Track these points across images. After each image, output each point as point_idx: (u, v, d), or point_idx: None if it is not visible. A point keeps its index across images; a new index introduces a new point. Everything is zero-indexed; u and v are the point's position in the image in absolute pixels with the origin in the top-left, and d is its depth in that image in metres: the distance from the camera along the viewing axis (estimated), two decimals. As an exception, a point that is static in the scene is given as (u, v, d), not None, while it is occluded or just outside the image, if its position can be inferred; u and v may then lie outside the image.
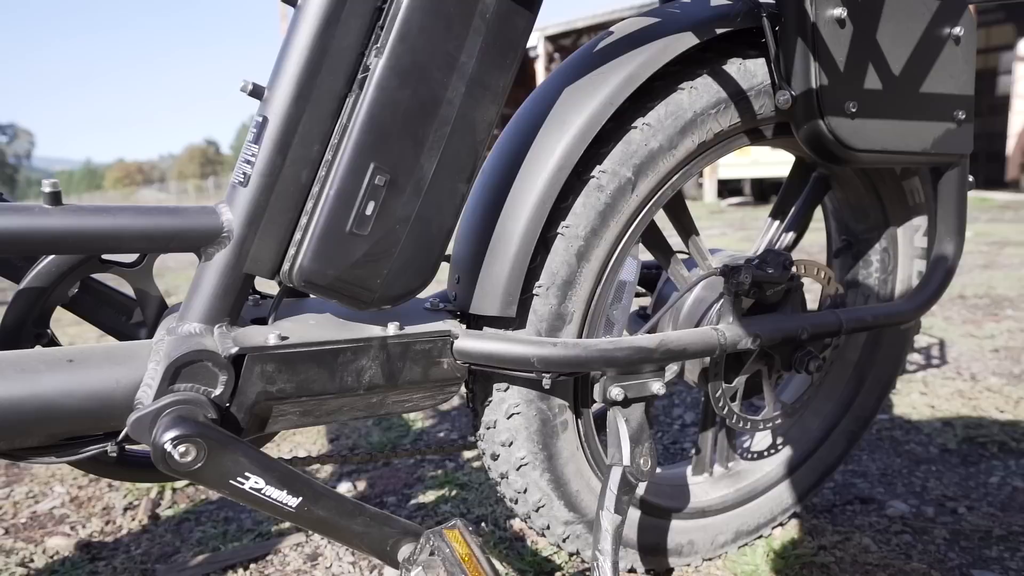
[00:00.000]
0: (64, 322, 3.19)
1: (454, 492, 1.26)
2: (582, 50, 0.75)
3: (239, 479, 0.56)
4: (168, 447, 0.53)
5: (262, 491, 0.57)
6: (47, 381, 0.55)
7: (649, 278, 0.96)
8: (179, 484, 1.38)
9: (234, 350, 0.58)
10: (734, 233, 5.92)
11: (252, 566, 1.06)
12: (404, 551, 0.63)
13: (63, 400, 0.55)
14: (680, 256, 0.88)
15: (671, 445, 1.44)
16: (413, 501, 1.25)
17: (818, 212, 1.02)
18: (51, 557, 1.11)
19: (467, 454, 1.44)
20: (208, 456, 0.55)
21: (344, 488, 1.32)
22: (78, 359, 0.57)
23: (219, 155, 71.70)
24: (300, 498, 0.59)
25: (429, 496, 1.26)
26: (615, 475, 0.73)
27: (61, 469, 1.48)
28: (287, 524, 1.19)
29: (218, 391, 0.58)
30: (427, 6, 0.57)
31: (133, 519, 1.24)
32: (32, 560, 1.10)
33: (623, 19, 0.76)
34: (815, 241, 5.03)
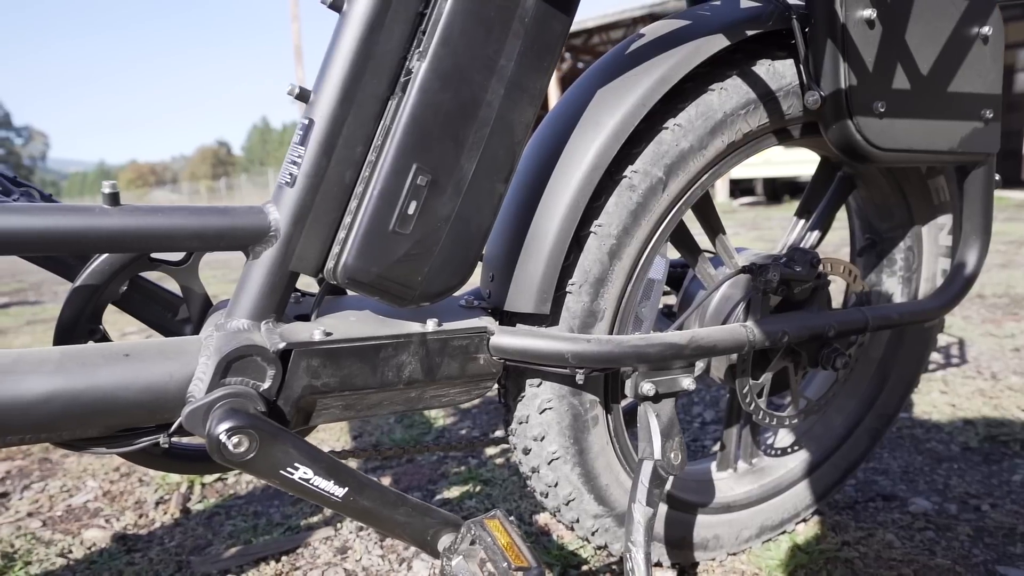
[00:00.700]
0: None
1: (478, 488, 1.28)
2: (614, 52, 0.76)
3: (289, 469, 0.58)
4: (223, 438, 0.55)
5: (310, 481, 0.59)
6: (106, 374, 0.57)
7: (674, 276, 0.98)
8: (208, 479, 1.40)
9: (282, 345, 0.60)
10: (747, 233, 5.90)
11: (284, 558, 1.09)
12: (444, 541, 0.65)
13: (120, 393, 0.58)
14: (706, 255, 0.90)
15: (692, 443, 1.45)
16: (438, 497, 1.27)
17: (836, 211, 1.02)
18: (89, 548, 1.14)
19: (489, 451, 1.46)
20: (260, 447, 0.57)
21: (369, 483, 1.34)
22: (133, 354, 0.59)
23: (230, 156, 72.21)
24: (346, 488, 0.61)
25: (453, 492, 1.28)
26: (646, 469, 0.75)
27: (92, 464, 1.51)
28: (316, 518, 1.22)
29: (266, 385, 0.60)
30: (469, 11, 0.59)
31: (165, 512, 1.27)
32: (71, 551, 1.13)
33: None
34: (829, 240, 5.01)
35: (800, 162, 9.00)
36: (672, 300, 1.00)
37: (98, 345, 0.60)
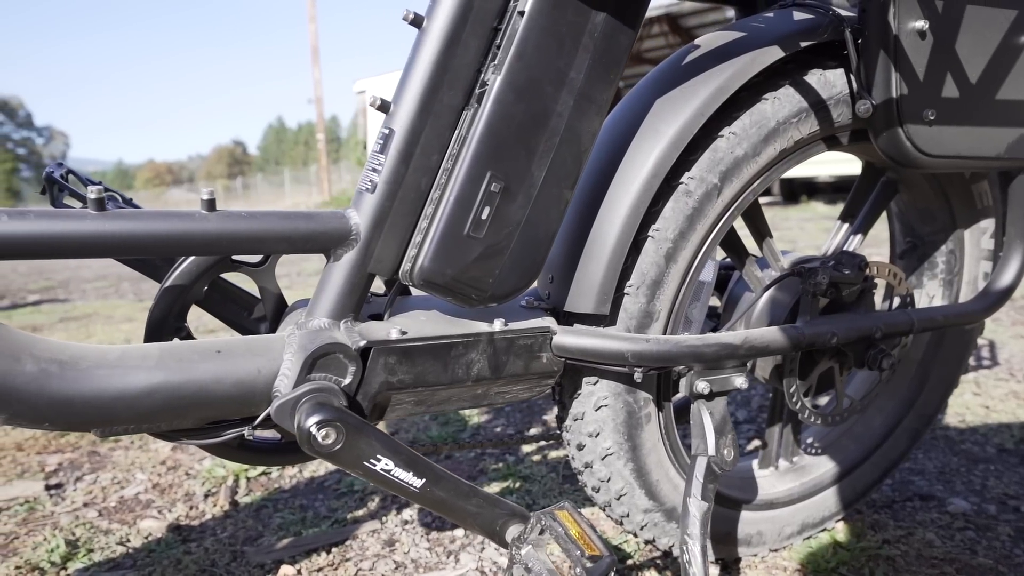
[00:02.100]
0: (116, 318, 3.32)
1: (518, 484, 1.31)
2: (670, 62, 0.79)
3: (372, 461, 0.62)
4: (313, 430, 0.59)
5: (391, 472, 0.63)
6: (201, 370, 0.61)
7: (718, 278, 1.00)
8: (253, 473, 1.45)
9: (362, 343, 0.64)
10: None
11: (334, 550, 1.12)
12: (512, 531, 0.68)
13: (214, 387, 0.61)
14: (753, 258, 0.92)
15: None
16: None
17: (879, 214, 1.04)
18: (146, 538, 1.19)
19: (526, 448, 1.49)
20: (346, 439, 0.60)
21: (410, 479, 1.37)
22: (224, 350, 0.63)
23: (246, 155, 72.88)
24: (423, 479, 0.64)
25: (493, 488, 1.31)
26: (700, 464, 0.77)
27: (139, 458, 1.56)
28: (361, 512, 1.25)
29: (347, 380, 0.64)
30: (543, 27, 0.62)
31: (214, 505, 1.31)
32: (129, 540, 1.18)
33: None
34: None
35: (817, 163, 8.94)
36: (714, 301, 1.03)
37: (192, 342, 0.64)
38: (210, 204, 0.60)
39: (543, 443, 1.51)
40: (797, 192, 10.45)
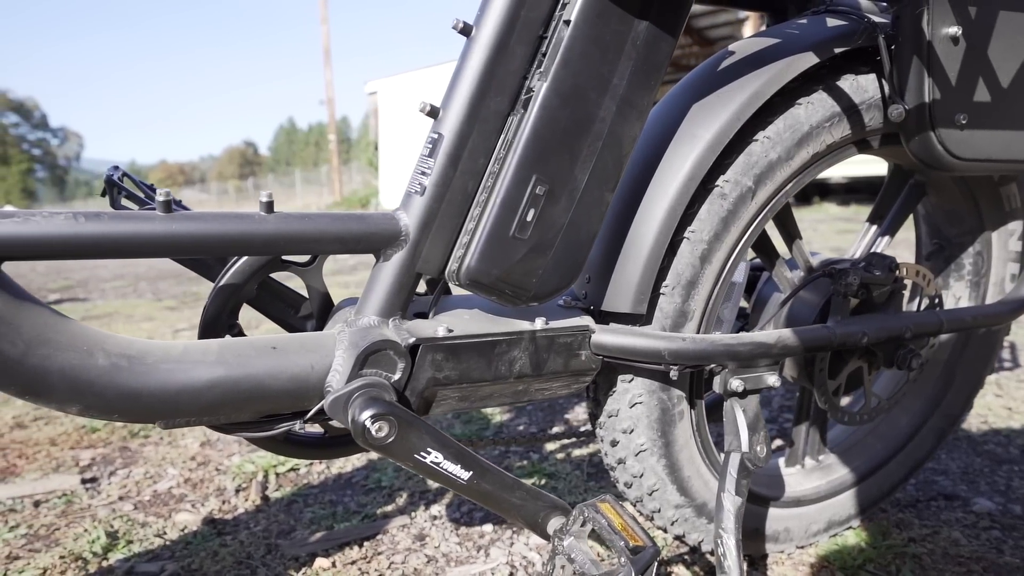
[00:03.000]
0: (137, 318, 3.37)
1: (543, 481, 1.33)
2: (705, 67, 0.81)
3: (422, 453, 0.64)
4: (368, 423, 0.61)
5: (440, 465, 0.65)
6: (258, 365, 0.63)
7: (748, 279, 1.02)
8: (282, 469, 1.48)
9: (412, 340, 0.66)
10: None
11: (366, 544, 1.15)
12: (554, 523, 0.70)
13: (270, 382, 0.64)
14: (783, 259, 0.94)
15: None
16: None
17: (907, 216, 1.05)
18: (182, 531, 1.22)
19: (549, 446, 1.52)
20: (398, 432, 0.62)
21: (437, 475, 1.39)
22: (279, 347, 0.66)
23: (257, 156, 73.37)
24: (471, 472, 0.66)
25: (519, 484, 1.33)
26: (734, 460, 0.79)
27: (169, 453, 1.60)
28: (390, 507, 1.28)
29: (396, 376, 0.66)
30: (588, 35, 0.64)
31: (246, 499, 1.34)
32: (165, 532, 1.21)
33: None
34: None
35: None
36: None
37: (248, 338, 0.66)
38: (268, 206, 0.63)
39: (566, 441, 1.53)
40: (809, 193, 10.40)
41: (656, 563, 0.60)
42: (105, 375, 0.58)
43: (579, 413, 1.74)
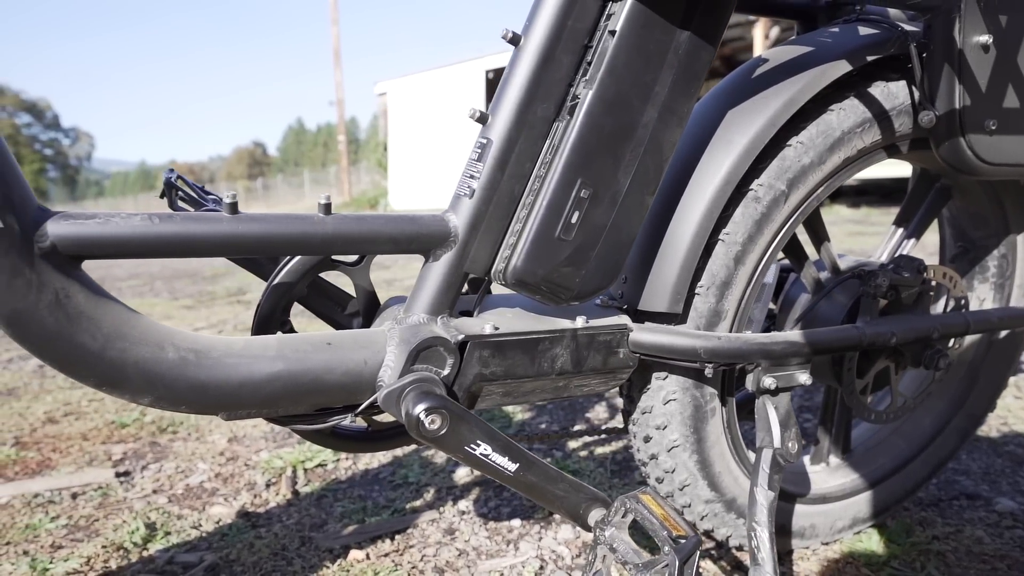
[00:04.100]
0: (155, 316, 3.42)
1: (568, 478, 1.36)
2: (739, 74, 0.83)
3: (472, 446, 0.67)
4: (421, 416, 0.64)
5: (488, 457, 0.67)
6: (315, 360, 0.66)
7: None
8: (310, 464, 1.51)
9: (460, 337, 0.69)
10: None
11: (397, 537, 1.18)
12: (595, 515, 0.72)
13: (327, 376, 0.67)
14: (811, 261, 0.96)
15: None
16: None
17: (933, 219, 1.07)
18: (217, 523, 1.25)
19: (572, 444, 1.54)
20: (450, 425, 0.65)
21: (462, 472, 1.42)
22: (334, 343, 0.68)
23: (266, 156, 73.76)
24: (517, 464, 0.69)
25: (544, 481, 1.35)
26: (766, 456, 0.81)
27: (199, 448, 1.63)
28: (419, 502, 1.31)
29: (445, 372, 0.69)
30: (632, 45, 0.67)
31: (277, 493, 1.37)
32: (201, 524, 1.24)
33: None
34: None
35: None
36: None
37: (305, 334, 0.69)
38: (326, 208, 0.66)
39: (589, 439, 1.55)
40: (820, 195, 10.37)
41: (698, 552, 0.62)
42: (175, 368, 0.61)
43: (599, 412, 1.77)
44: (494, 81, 14.81)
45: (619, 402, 1.82)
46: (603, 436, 1.53)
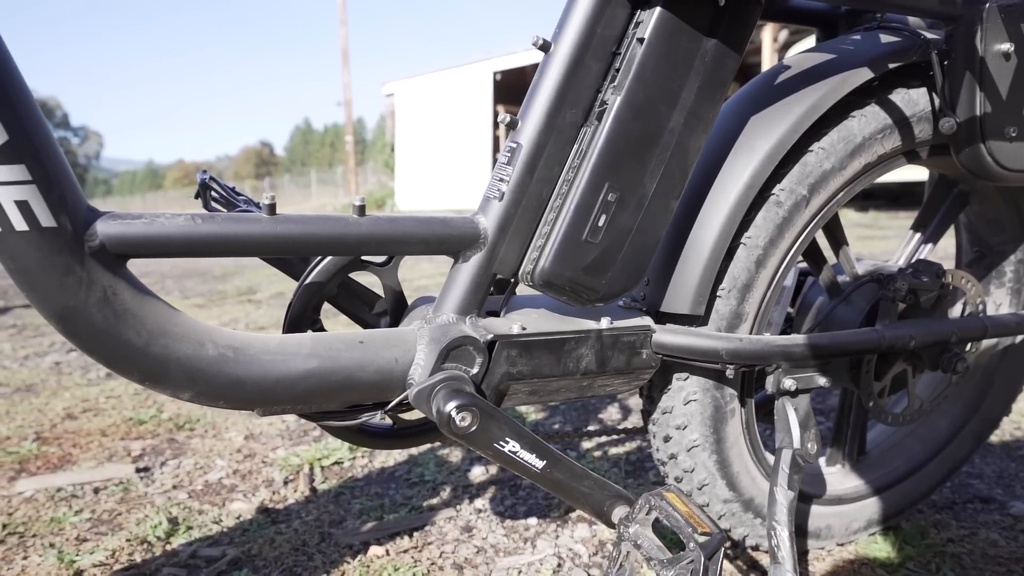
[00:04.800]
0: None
1: (583, 477, 1.37)
2: (761, 81, 0.85)
3: (501, 443, 0.68)
4: (453, 413, 0.65)
5: (516, 454, 0.69)
6: (348, 358, 0.68)
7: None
8: (326, 462, 1.53)
9: (489, 337, 0.70)
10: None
11: (415, 534, 1.19)
12: (619, 512, 0.74)
13: (359, 373, 0.68)
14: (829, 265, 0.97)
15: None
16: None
17: (950, 224, 1.08)
18: (237, 518, 1.27)
19: (586, 444, 1.55)
20: (480, 423, 0.67)
21: (478, 471, 1.44)
22: (367, 341, 0.70)
23: (273, 156, 74.05)
24: (544, 461, 0.70)
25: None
26: (786, 456, 0.83)
27: (216, 445, 1.65)
28: (435, 500, 1.32)
29: (474, 370, 0.71)
30: (660, 52, 0.68)
31: (295, 490, 1.39)
32: (222, 519, 1.26)
33: None
34: (886, 250, 4.96)
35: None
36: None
37: (337, 333, 0.71)
38: (361, 209, 0.67)
39: (603, 439, 1.56)
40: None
41: (723, 549, 0.63)
42: (215, 364, 0.63)
43: (612, 412, 1.78)
44: (502, 83, 14.85)
45: (631, 403, 1.83)
46: (616, 437, 1.55)
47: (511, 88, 15.19)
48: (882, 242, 5.61)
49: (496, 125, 14.70)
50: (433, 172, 16.25)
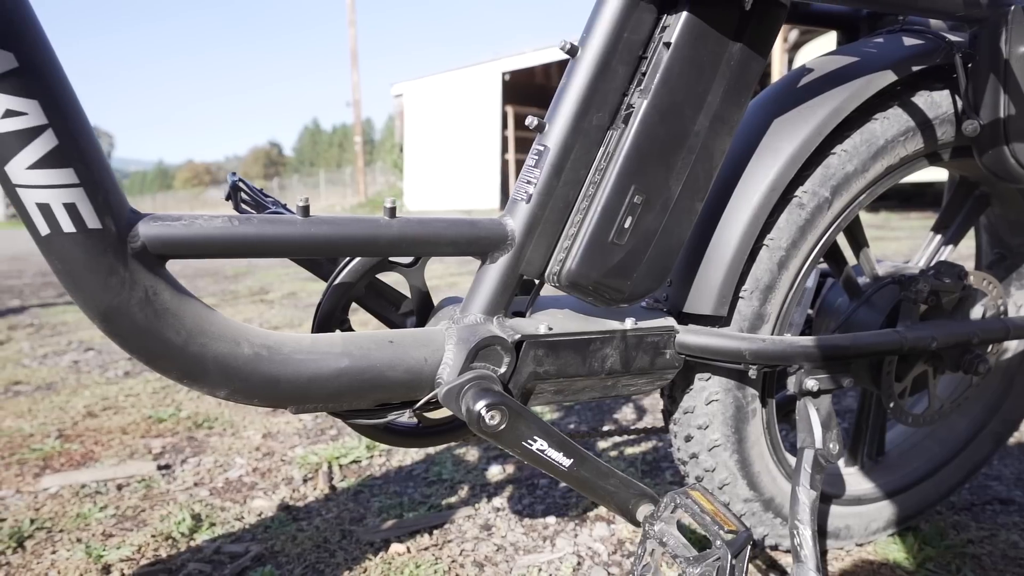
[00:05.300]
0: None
1: (600, 477, 1.38)
2: (784, 83, 0.85)
3: (529, 441, 0.69)
4: (482, 412, 0.66)
5: (544, 452, 0.70)
6: (378, 357, 0.69)
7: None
8: (344, 460, 1.54)
9: (516, 337, 0.71)
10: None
11: (435, 532, 1.20)
12: (643, 511, 0.75)
13: (389, 372, 0.70)
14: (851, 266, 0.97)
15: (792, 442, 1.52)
16: (564, 484, 1.37)
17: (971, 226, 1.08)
18: (259, 515, 1.29)
19: (602, 444, 1.56)
20: (509, 421, 0.68)
21: (495, 470, 1.45)
22: (396, 340, 0.71)
23: (281, 156, 74.46)
24: (571, 460, 0.71)
25: (576, 479, 1.37)
26: (808, 456, 0.83)
27: (235, 444, 1.67)
28: (454, 498, 1.33)
29: (502, 370, 0.72)
30: (686, 56, 0.69)
31: (314, 488, 1.41)
32: (244, 517, 1.28)
33: None
34: (898, 250, 4.94)
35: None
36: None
37: (368, 332, 0.72)
38: (392, 211, 0.69)
39: (619, 439, 1.57)
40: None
41: (749, 547, 0.64)
42: (250, 363, 0.64)
43: (627, 413, 1.79)
44: (510, 83, 14.86)
45: (646, 403, 1.84)
46: (631, 437, 1.56)
47: (520, 88, 15.21)
48: (894, 243, 5.58)
49: (505, 125, 14.72)
50: (442, 172, 16.28)
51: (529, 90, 15.62)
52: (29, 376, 2.30)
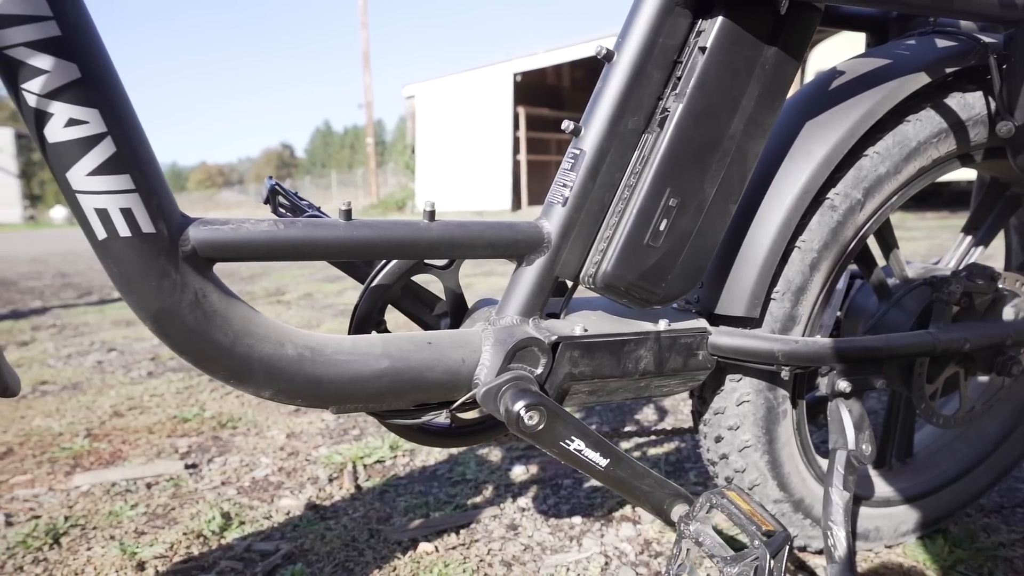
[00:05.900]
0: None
1: (623, 478, 1.38)
2: (815, 86, 0.86)
3: (567, 441, 0.70)
4: (521, 412, 0.67)
5: (581, 452, 0.71)
6: (418, 358, 0.70)
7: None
8: (369, 460, 1.56)
9: (553, 338, 0.72)
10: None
11: (462, 532, 1.21)
12: (678, 510, 0.75)
13: (428, 373, 0.71)
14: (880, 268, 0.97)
15: (823, 443, 1.52)
16: (587, 484, 1.38)
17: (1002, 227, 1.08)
18: (287, 514, 1.30)
19: (624, 444, 1.57)
20: (547, 421, 0.69)
21: (519, 470, 1.46)
22: (435, 342, 0.72)
23: (294, 158, 74.95)
24: (608, 460, 0.72)
25: (595, 481, 1.38)
26: (840, 457, 0.83)
27: (260, 443, 1.69)
28: (479, 498, 1.34)
29: (539, 371, 0.72)
30: (721, 61, 0.70)
31: (340, 488, 1.42)
32: (272, 515, 1.30)
33: None
34: (915, 250, 4.90)
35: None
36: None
37: (406, 334, 0.73)
38: (431, 215, 0.70)
39: (641, 440, 1.58)
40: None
41: (788, 547, 0.65)
42: (294, 364, 0.65)
43: (648, 414, 1.79)
44: (522, 84, 14.87)
45: (667, 404, 1.84)
46: (655, 437, 1.56)
47: (531, 89, 15.21)
48: (911, 243, 5.53)
49: (516, 126, 14.73)
50: (453, 173, 16.32)
51: (541, 91, 15.63)
52: (55, 376, 2.34)
